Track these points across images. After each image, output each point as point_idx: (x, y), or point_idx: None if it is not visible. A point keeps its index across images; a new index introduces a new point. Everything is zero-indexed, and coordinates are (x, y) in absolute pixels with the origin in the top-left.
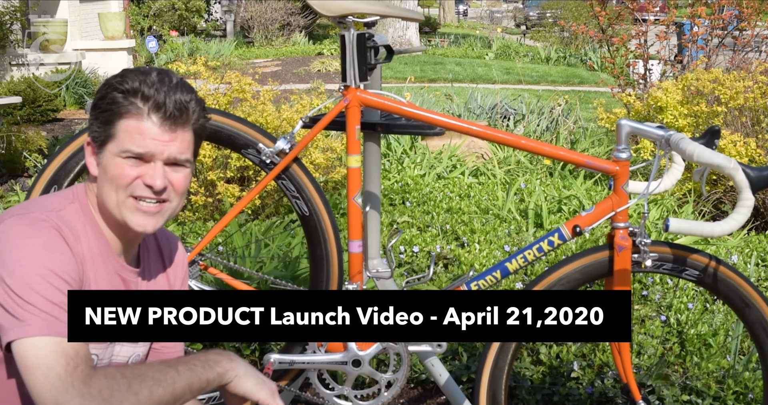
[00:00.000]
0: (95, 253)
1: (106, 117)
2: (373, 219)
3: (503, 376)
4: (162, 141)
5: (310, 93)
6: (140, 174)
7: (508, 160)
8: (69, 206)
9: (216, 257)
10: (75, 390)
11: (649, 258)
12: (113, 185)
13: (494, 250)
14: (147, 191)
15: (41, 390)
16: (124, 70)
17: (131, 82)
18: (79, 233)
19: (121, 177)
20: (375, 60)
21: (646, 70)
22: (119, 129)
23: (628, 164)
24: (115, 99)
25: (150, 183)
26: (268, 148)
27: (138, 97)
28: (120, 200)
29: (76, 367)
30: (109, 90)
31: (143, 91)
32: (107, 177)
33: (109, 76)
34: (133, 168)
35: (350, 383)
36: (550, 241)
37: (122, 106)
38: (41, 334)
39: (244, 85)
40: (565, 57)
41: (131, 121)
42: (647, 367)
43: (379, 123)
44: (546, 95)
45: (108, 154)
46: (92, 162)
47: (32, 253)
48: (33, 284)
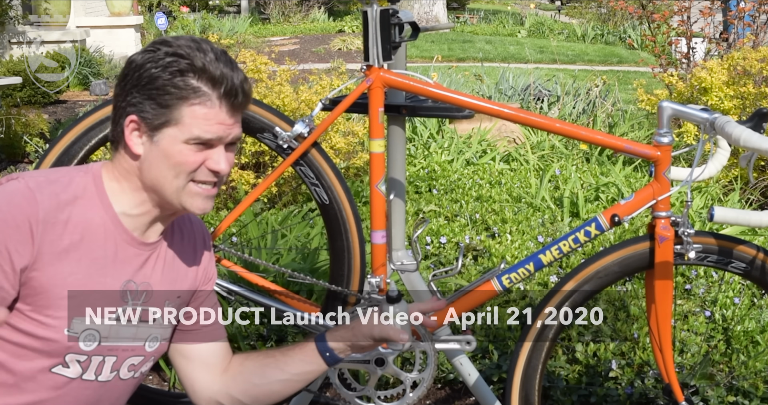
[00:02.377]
0: (97, 222)
1: (165, 100)
2: (397, 208)
3: (537, 375)
4: (228, 126)
5: (330, 73)
6: (204, 159)
7: (541, 145)
8: (79, 175)
9: (230, 248)
10: None
11: (692, 249)
12: (175, 171)
13: (527, 241)
14: (210, 176)
15: None
16: (167, 42)
17: (193, 61)
18: (80, 200)
19: (187, 164)
20: (399, 38)
21: (690, 48)
22: (184, 114)
23: (670, 149)
24: (176, 83)
25: (216, 168)
26: (285, 132)
27: (204, 81)
28: (180, 185)
29: None
30: (166, 71)
31: (210, 73)
32: (168, 162)
33: (150, 49)
34: (198, 154)
35: (373, 383)
36: (586, 232)
37: (187, 91)
38: None
39: (260, 64)
40: (603, 35)
41: (199, 108)
42: (690, 366)
43: (404, 105)
44: (582, 75)
45: (168, 138)
46: (136, 141)
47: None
48: None
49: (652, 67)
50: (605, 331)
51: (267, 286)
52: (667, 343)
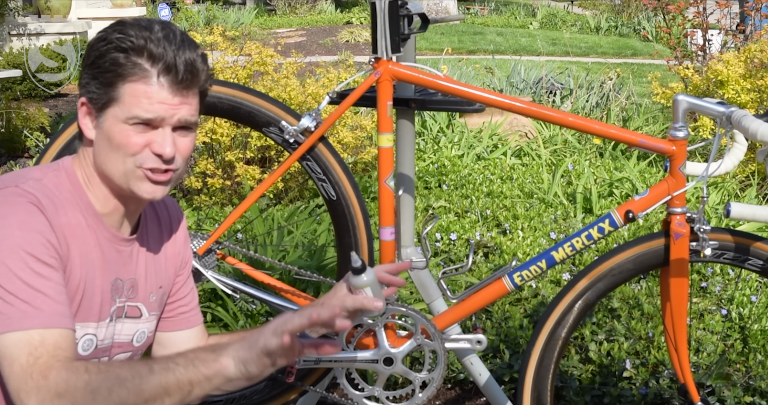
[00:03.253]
0: (83, 224)
1: (107, 78)
2: (406, 204)
3: (549, 375)
4: (172, 105)
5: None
6: (148, 141)
7: (554, 140)
8: (51, 174)
9: (235, 245)
10: (33, 382)
11: (708, 246)
12: (119, 153)
13: (539, 238)
14: (156, 161)
15: (8, 380)
16: (122, 22)
17: (135, 39)
18: (63, 203)
19: (128, 145)
20: (408, 30)
21: (706, 40)
22: (124, 92)
23: (686, 144)
24: (117, 59)
25: (159, 151)
26: (291, 126)
27: (144, 57)
28: (128, 169)
29: (37, 359)
30: (110, 48)
31: (150, 50)
32: (111, 144)
33: (105, 29)
34: (140, 135)
35: (381, 383)
36: (600, 228)
37: (126, 68)
38: (15, 328)
39: (266, 57)
40: (617, 26)
41: (138, 85)
42: (706, 365)
43: (413, 98)
44: (596, 68)
45: (111, 119)
46: (88, 124)
47: (9, 235)
48: (12, 269)
49: (667, 60)
50: (619, 329)
51: (273, 283)
52: (682, 342)
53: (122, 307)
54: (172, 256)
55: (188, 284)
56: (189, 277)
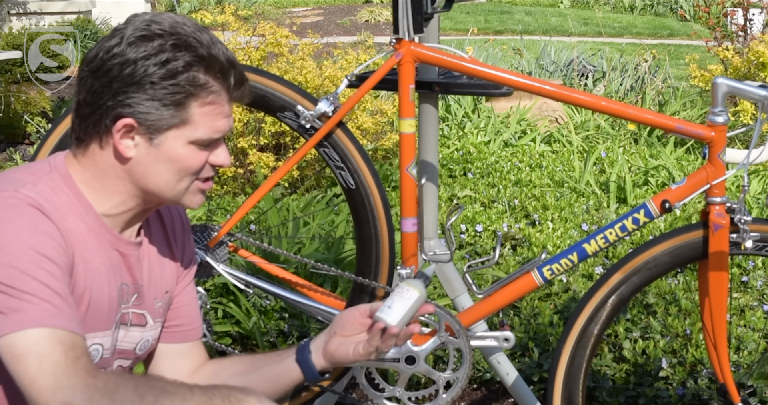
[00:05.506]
0: (84, 229)
1: (172, 99)
2: (429, 193)
3: (581, 375)
4: (230, 117)
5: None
6: (207, 155)
7: (586, 125)
8: (45, 177)
9: (248, 237)
10: (79, 379)
11: (749, 238)
12: (181, 174)
13: (570, 230)
14: (212, 171)
15: (35, 379)
16: (159, 28)
17: (198, 49)
18: (63, 207)
19: (194, 166)
20: (432, 8)
21: (746, 20)
22: (194, 112)
23: (726, 129)
24: (189, 79)
25: (220, 163)
26: (307, 111)
27: (213, 75)
28: (185, 186)
29: (77, 358)
30: (165, 66)
31: (219, 62)
32: (173, 165)
33: (141, 36)
34: (204, 152)
35: (403, 383)
36: (634, 219)
37: (196, 87)
38: (41, 324)
39: (280, 37)
40: (653, 5)
41: (210, 106)
42: (747, 364)
43: (436, 82)
44: (630, 50)
45: (173, 140)
46: (128, 144)
47: (16, 237)
48: (26, 270)
49: (706, 41)
50: (655, 326)
51: (288, 277)
52: (722, 339)
53: (127, 314)
54: (177, 260)
55: (188, 293)
56: (190, 285)
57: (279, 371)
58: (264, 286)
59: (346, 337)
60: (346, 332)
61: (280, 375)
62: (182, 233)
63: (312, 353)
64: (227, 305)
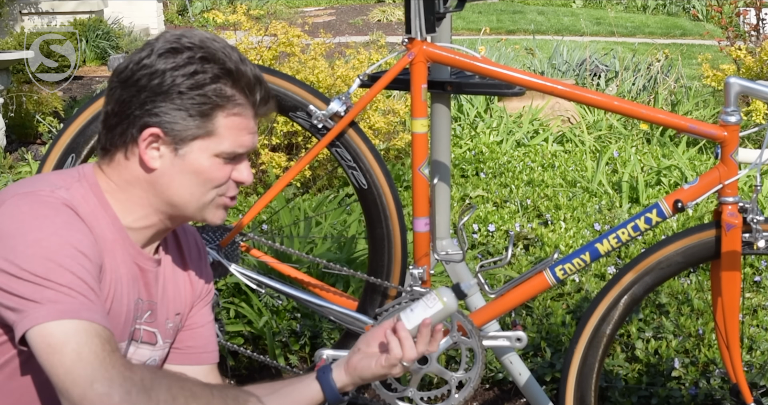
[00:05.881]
0: (110, 238)
1: (199, 110)
2: (441, 193)
3: (593, 375)
4: (255, 134)
5: (369, 47)
6: (231, 170)
7: (598, 125)
8: (75, 185)
9: (260, 237)
10: (116, 371)
11: (762, 238)
12: (205, 186)
13: (582, 229)
14: (235, 189)
15: (73, 367)
16: (188, 42)
17: (225, 62)
18: (92, 215)
19: (219, 179)
20: (444, 8)
21: (759, 19)
22: (219, 124)
23: (738, 129)
24: (217, 91)
25: (242, 179)
26: (320, 111)
27: (240, 88)
28: (209, 200)
29: (113, 351)
30: (194, 77)
31: (246, 77)
32: (197, 177)
33: (172, 49)
34: (228, 166)
35: (415, 383)
36: (647, 219)
37: (223, 99)
38: (79, 316)
39: (292, 37)
40: (665, 5)
41: (236, 119)
42: (760, 365)
43: (449, 81)
44: (643, 49)
45: (198, 152)
46: (153, 155)
47: (54, 232)
48: (63, 264)
49: (719, 40)
50: (667, 326)
51: (300, 277)
52: (734, 339)
53: (139, 330)
54: (192, 283)
55: (203, 316)
56: (207, 308)
57: (298, 390)
58: (276, 286)
59: (371, 352)
60: (370, 349)
61: (300, 394)
62: (198, 260)
63: (333, 371)
64: (239, 305)
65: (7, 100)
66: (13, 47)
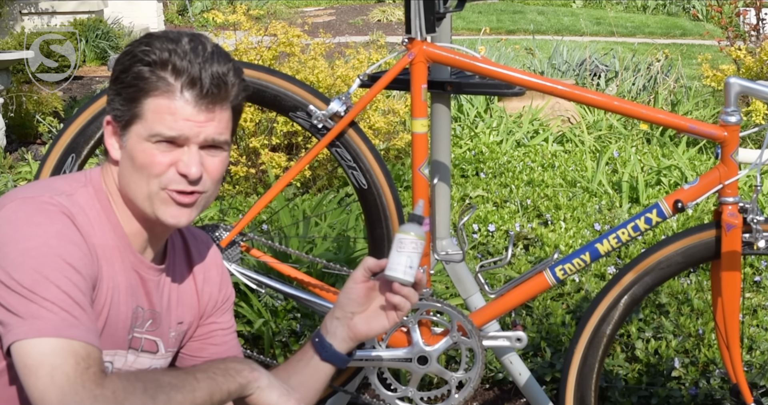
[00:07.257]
0: (111, 246)
1: (130, 93)
2: (441, 193)
3: (593, 375)
4: (197, 122)
5: (369, 47)
6: (173, 161)
7: (598, 125)
8: (81, 190)
9: (259, 237)
10: (86, 391)
11: (762, 238)
12: (143, 174)
13: (582, 229)
14: (181, 182)
15: (45, 392)
16: (149, 35)
17: (159, 52)
18: (93, 222)
19: (152, 165)
20: (444, 8)
21: (759, 19)
22: (146, 108)
23: (738, 129)
24: (141, 73)
25: (184, 171)
26: (319, 111)
27: (168, 71)
28: (152, 191)
29: (87, 368)
30: (133, 61)
31: (174, 63)
32: (134, 165)
33: (132, 43)
34: (164, 154)
35: (415, 383)
36: (647, 219)
37: (149, 82)
38: (57, 334)
39: (292, 37)
40: (665, 5)
41: (161, 100)
42: (760, 365)
43: (449, 81)
44: (642, 49)
45: (134, 137)
46: (113, 144)
47: (45, 243)
48: (50, 277)
49: (719, 40)
50: (667, 326)
51: (299, 277)
52: (734, 339)
53: (139, 338)
54: (197, 292)
55: (224, 323)
56: (227, 315)
57: (310, 374)
58: (276, 286)
59: (368, 312)
60: (363, 308)
61: (311, 377)
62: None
63: (333, 345)
64: (239, 305)
65: (7, 100)
66: (13, 47)
